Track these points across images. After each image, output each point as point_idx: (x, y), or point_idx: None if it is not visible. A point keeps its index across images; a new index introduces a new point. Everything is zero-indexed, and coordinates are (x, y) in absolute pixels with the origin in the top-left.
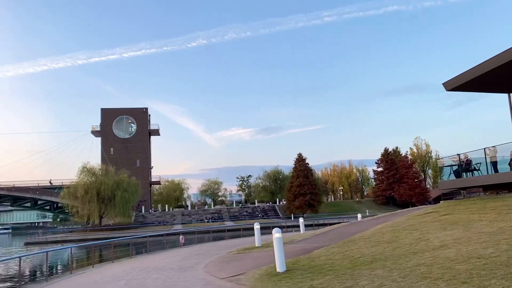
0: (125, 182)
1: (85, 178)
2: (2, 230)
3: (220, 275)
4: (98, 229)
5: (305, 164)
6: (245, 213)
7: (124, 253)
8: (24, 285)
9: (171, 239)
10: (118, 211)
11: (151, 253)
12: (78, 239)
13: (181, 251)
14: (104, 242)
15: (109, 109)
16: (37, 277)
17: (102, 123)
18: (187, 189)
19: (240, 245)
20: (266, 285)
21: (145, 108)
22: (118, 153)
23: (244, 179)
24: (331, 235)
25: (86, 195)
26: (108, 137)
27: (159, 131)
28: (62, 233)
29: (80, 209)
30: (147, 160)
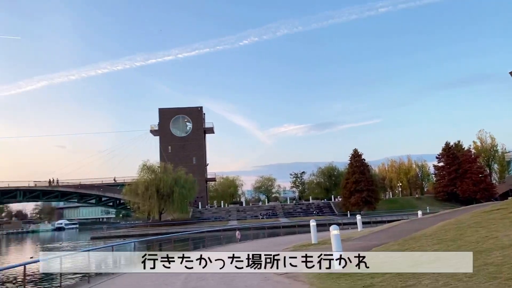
0: (183, 179)
1: (145, 175)
2: (70, 225)
3: (278, 271)
4: (158, 225)
5: (361, 160)
6: (299, 210)
7: (183, 247)
8: (95, 277)
9: (227, 235)
10: (176, 207)
11: (208, 248)
12: (140, 234)
13: (237, 246)
14: (164, 237)
15: (166, 109)
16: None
17: (160, 123)
18: (241, 186)
19: (296, 241)
20: (324, 282)
21: (200, 107)
22: (175, 151)
23: (297, 175)
24: (390, 232)
25: (147, 191)
26: (165, 136)
27: (213, 129)
28: (124, 228)
29: (141, 205)
30: (202, 158)
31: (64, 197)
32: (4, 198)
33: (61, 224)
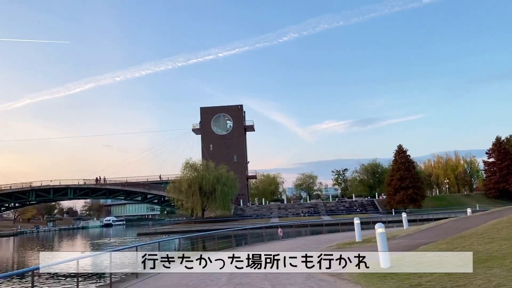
0: (224, 176)
1: (188, 173)
2: (118, 222)
3: (322, 269)
4: (201, 221)
5: (406, 156)
6: (342, 208)
7: (226, 244)
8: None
9: (269, 232)
10: (218, 204)
11: (251, 245)
12: (183, 230)
13: (280, 244)
14: (207, 233)
15: (207, 108)
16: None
17: (201, 121)
18: (282, 183)
19: (339, 239)
20: (370, 281)
21: (240, 105)
22: (217, 149)
23: (339, 172)
24: (438, 230)
25: (190, 189)
26: (207, 134)
27: (254, 127)
28: (169, 225)
29: (184, 202)
30: (243, 155)
31: (112, 195)
32: (56, 195)
33: (109, 220)
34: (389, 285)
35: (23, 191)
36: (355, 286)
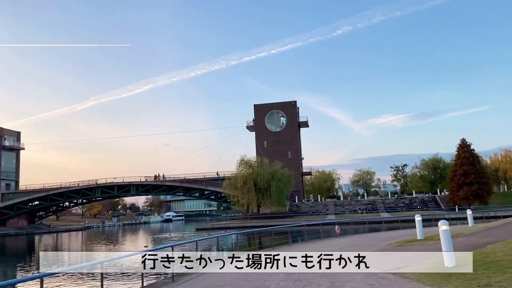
0: (279, 173)
1: (243, 170)
2: (177, 217)
3: (382, 267)
4: (256, 217)
5: (469, 150)
6: (401, 204)
7: (282, 240)
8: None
9: (325, 229)
10: (273, 200)
11: (307, 241)
12: (239, 226)
13: (337, 241)
14: (264, 229)
15: (261, 105)
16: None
17: (255, 118)
18: (338, 180)
19: (399, 237)
20: (434, 280)
21: (294, 101)
22: (271, 145)
23: (398, 168)
24: (508, 228)
25: (245, 185)
26: (261, 131)
27: (308, 123)
28: (225, 220)
29: (240, 198)
30: (297, 152)
31: (171, 191)
32: (119, 192)
33: (169, 216)
34: (455, 285)
35: (89, 188)
36: (417, 285)
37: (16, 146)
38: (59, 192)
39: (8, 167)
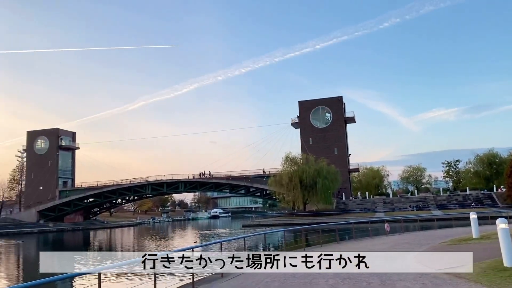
0: (325, 170)
1: (288, 167)
2: (224, 214)
3: (435, 266)
4: (302, 215)
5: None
6: (454, 202)
7: (330, 238)
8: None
9: (374, 227)
10: (320, 197)
11: (356, 239)
12: (286, 223)
13: (387, 239)
14: (311, 227)
15: (305, 101)
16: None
17: (300, 115)
18: (386, 176)
19: (453, 235)
20: (492, 280)
21: (340, 96)
22: (316, 142)
23: (450, 164)
24: None
25: (290, 182)
26: (306, 127)
27: (354, 119)
28: (271, 217)
29: (285, 195)
30: (344, 148)
31: (217, 188)
32: (168, 189)
33: (216, 212)
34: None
35: (140, 185)
36: (474, 285)
37: (72, 146)
38: (112, 189)
39: (64, 165)
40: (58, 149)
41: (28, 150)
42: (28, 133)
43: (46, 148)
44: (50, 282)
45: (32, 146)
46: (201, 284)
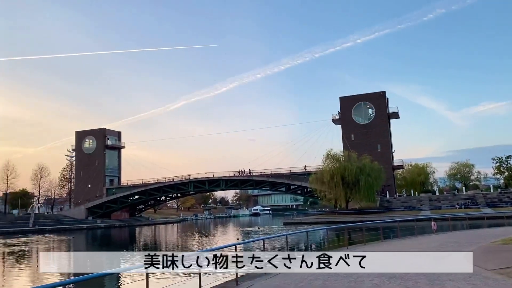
0: (368, 167)
1: (330, 164)
2: (265, 211)
3: (487, 266)
4: (345, 213)
5: None
6: (506, 199)
7: (373, 236)
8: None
9: (419, 225)
10: (363, 195)
11: (401, 238)
12: (327, 221)
13: (434, 237)
14: (354, 225)
15: (347, 97)
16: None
17: (341, 111)
18: (432, 173)
19: (505, 235)
20: None
21: (383, 91)
22: (358, 138)
23: (502, 160)
24: None
25: (332, 180)
26: (347, 124)
27: (398, 114)
28: (313, 215)
29: (327, 193)
30: (387, 144)
31: (258, 186)
32: (210, 186)
33: (257, 210)
34: None
35: (183, 183)
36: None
37: (118, 145)
38: (156, 187)
39: (111, 164)
40: (105, 148)
41: (77, 150)
42: (76, 134)
43: (94, 148)
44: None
45: (81, 146)
46: (244, 281)
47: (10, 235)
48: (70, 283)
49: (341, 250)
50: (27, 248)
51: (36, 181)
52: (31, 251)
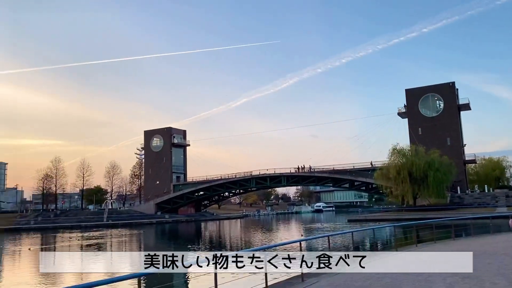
0: (436, 161)
1: (396, 159)
2: (327, 208)
3: None
4: (412, 210)
5: None
6: None
7: (444, 234)
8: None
9: (495, 223)
10: (431, 191)
11: (474, 236)
12: (394, 218)
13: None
14: (423, 222)
15: (413, 89)
16: (366, 250)
17: (407, 104)
18: (509, 168)
19: None
20: None
21: (452, 82)
22: (426, 132)
23: None
24: None
25: (398, 176)
26: (414, 117)
27: (469, 105)
28: (378, 213)
29: (393, 189)
30: (458, 138)
31: (320, 182)
32: (271, 183)
33: (319, 206)
34: None
35: (245, 179)
36: None
37: (183, 143)
38: (220, 183)
39: (177, 161)
40: (171, 146)
41: (146, 148)
42: (145, 133)
43: (161, 146)
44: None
45: (149, 144)
46: (309, 277)
47: (87, 228)
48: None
49: (410, 248)
50: (102, 242)
51: (109, 178)
52: (105, 244)
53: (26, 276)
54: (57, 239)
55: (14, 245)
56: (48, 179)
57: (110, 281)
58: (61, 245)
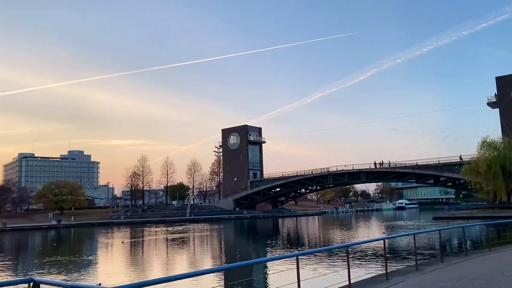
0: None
1: (486, 152)
2: (410, 205)
3: None
4: (506, 207)
5: None
6: None
7: None
8: (446, 256)
9: None
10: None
11: None
12: (485, 216)
13: None
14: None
15: (505, 76)
16: (454, 250)
17: (499, 93)
18: None
19: None
20: None
21: None
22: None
23: None
24: None
25: (489, 170)
26: (507, 106)
27: None
28: (466, 210)
29: (483, 185)
30: None
31: (402, 178)
32: (350, 179)
33: (402, 203)
34: None
35: (322, 176)
36: None
37: (259, 140)
38: (296, 179)
39: (253, 158)
40: (248, 143)
41: (223, 146)
42: (222, 131)
43: (238, 143)
44: (250, 264)
45: (226, 142)
46: (394, 276)
47: (172, 223)
48: (226, 269)
49: (505, 249)
50: (186, 236)
51: (190, 175)
52: (188, 239)
53: (121, 266)
54: (145, 233)
55: (107, 238)
56: (136, 177)
57: (195, 274)
58: (148, 239)
